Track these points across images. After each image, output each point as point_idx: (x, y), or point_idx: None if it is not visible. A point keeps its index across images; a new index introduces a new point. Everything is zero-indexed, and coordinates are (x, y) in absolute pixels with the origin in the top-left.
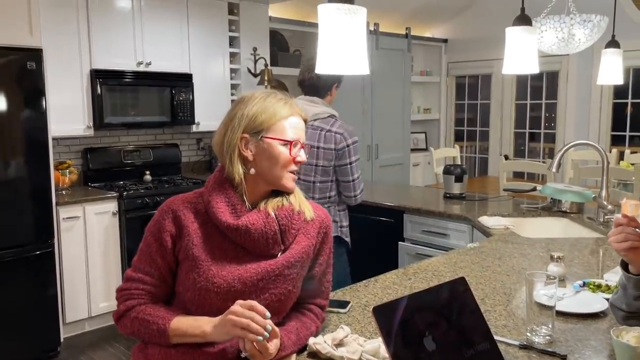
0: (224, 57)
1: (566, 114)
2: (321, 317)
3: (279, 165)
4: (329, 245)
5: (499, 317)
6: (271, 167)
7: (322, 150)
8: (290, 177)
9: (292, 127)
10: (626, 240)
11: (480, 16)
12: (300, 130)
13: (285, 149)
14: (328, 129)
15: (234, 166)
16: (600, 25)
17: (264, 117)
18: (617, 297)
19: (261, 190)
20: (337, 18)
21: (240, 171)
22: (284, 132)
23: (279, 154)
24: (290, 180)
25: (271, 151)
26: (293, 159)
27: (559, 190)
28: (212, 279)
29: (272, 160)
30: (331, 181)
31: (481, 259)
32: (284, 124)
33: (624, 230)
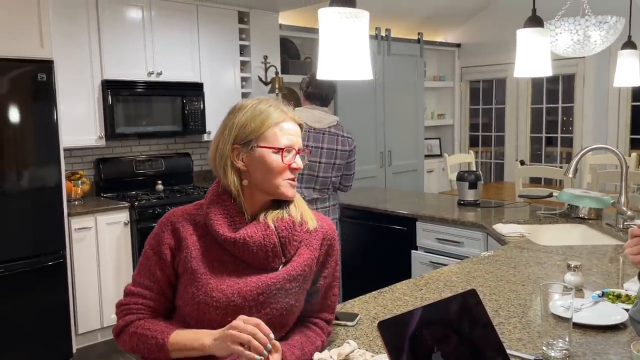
0: (234, 66)
1: (583, 117)
2: (327, 331)
3: (273, 174)
4: (334, 257)
5: (513, 329)
6: (265, 177)
7: (339, 152)
8: (288, 184)
9: (284, 134)
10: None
11: (493, 20)
12: (294, 135)
13: (278, 157)
14: (342, 135)
15: (228, 178)
16: (616, 26)
17: (253, 126)
18: (637, 310)
19: (260, 201)
20: (338, 22)
21: (236, 183)
22: (276, 140)
23: (271, 163)
24: (288, 188)
25: (264, 160)
26: (287, 166)
27: (577, 196)
28: (211, 293)
29: (266, 170)
30: (340, 176)
31: (495, 268)
32: (275, 130)
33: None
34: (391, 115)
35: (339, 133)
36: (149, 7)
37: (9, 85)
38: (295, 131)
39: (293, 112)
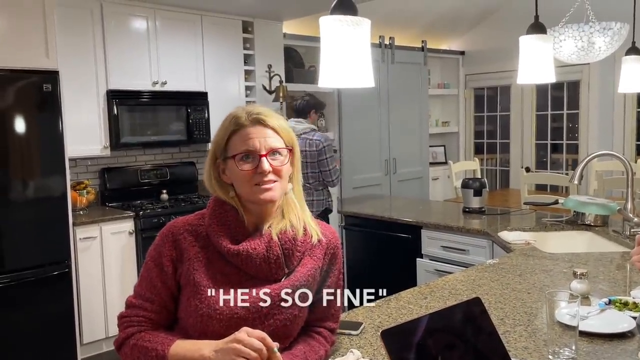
0: (238, 75)
1: (589, 124)
2: (331, 340)
3: (242, 182)
4: (338, 266)
5: (519, 338)
6: (240, 186)
7: (308, 152)
8: (259, 189)
9: (242, 139)
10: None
11: (497, 27)
12: (256, 139)
13: (243, 163)
14: (311, 138)
15: (217, 193)
16: (620, 32)
17: (219, 137)
18: None
19: (255, 210)
20: (339, 30)
21: (223, 196)
22: (236, 147)
23: (235, 171)
24: (261, 192)
25: (232, 170)
26: (248, 171)
27: (582, 203)
28: (214, 306)
29: (238, 179)
30: (317, 172)
31: (501, 276)
32: (234, 137)
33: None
34: (396, 123)
35: (308, 137)
36: (154, 18)
37: (15, 95)
38: (258, 133)
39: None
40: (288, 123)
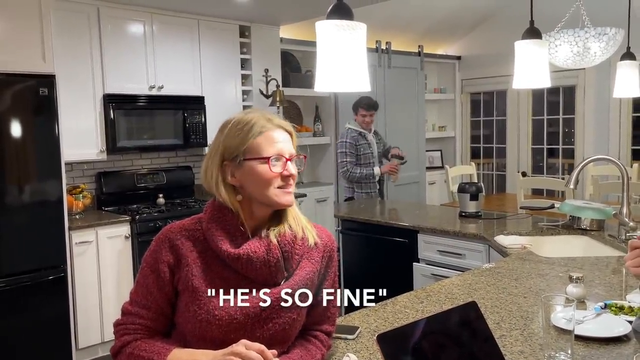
0: (235, 79)
1: (584, 128)
2: (327, 344)
3: (263, 184)
4: (333, 270)
5: (515, 342)
6: (257, 188)
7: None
8: (281, 192)
9: (270, 142)
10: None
11: (493, 32)
12: (281, 142)
13: (266, 167)
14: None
15: (222, 196)
16: (615, 37)
17: (238, 140)
18: None
19: (260, 214)
20: (335, 35)
21: (231, 200)
22: (261, 150)
23: (260, 173)
24: (283, 196)
25: (253, 172)
26: (279, 174)
27: (578, 207)
28: (213, 311)
29: (257, 181)
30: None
31: (497, 280)
32: (260, 141)
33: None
34: (392, 128)
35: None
36: (151, 22)
37: (11, 99)
38: (282, 138)
39: (279, 119)
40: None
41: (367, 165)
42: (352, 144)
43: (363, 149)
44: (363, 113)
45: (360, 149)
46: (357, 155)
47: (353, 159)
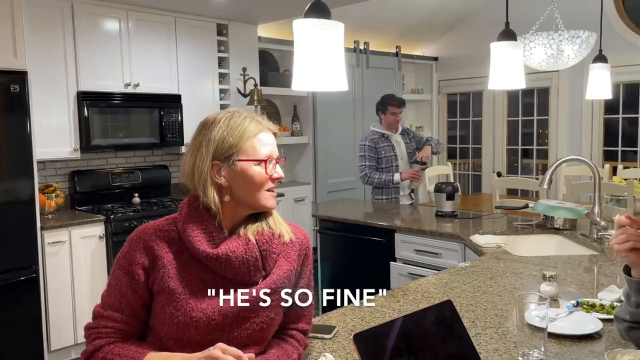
0: (213, 78)
1: (558, 130)
2: (303, 343)
3: (255, 186)
4: (309, 268)
5: (489, 340)
6: (248, 190)
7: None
8: (270, 195)
9: (263, 144)
10: (628, 240)
11: (470, 33)
12: (272, 145)
13: (260, 169)
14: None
15: (208, 195)
16: (588, 41)
17: (232, 140)
18: (621, 308)
19: (240, 215)
20: (313, 33)
21: (216, 199)
22: (256, 151)
23: (254, 175)
24: (270, 199)
25: (246, 174)
26: (270, 176)
27: (551, 207)
28: (191, 313)
29: (248, 183)
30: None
31: (472, 279)
32: (254, 142)
33: (626, 231)
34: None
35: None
36: (126, 18)
37: None
38: (272, 140)
39: (267, 121)
40: None
41: (389, 169)
42: (372, 147)
43: (384, 151)
44: (394, 111)
45: (381, 152)
46: (378, 158)
47: (373, 162)
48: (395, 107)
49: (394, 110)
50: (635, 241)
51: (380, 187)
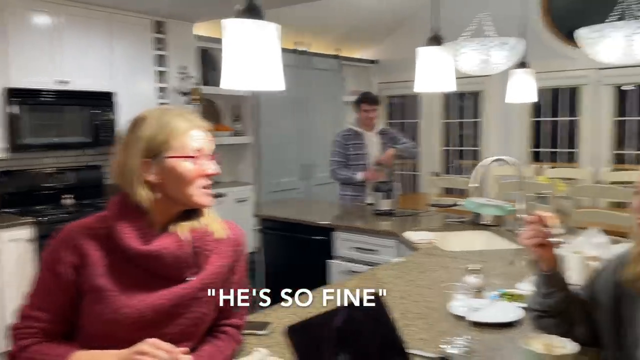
0: (150, 76)
1: (490, 132)
2: (237, 338)
3: (187, 182)
4: (243, 263)
5: (418, 330)
6: (180, 187)
7: None
8: (203, 192)
9: (193, 141)
10: (535, 236)
11: (408, 38)
12: (204, 142)
13: (191, 165)
14: None
15: (138, 193)
16: (516, 47)
17: (162, 137)
18: (531, 298)
19: (173, 212)
20: (245, 33)
21: (147, 197)
22: (186, 148)
23: (184, 171)
24: (204, 196)
25: (176, 170)
26: (202, 172)
27: (480, 205)
28: (121, 310)
29: (179, 180)
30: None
31: (404, 273)
32: (184, 139)
33: (534, 228)
34: (312, 129)
35: None
36: (58, 13)
37: None
38: (204, 137)
39: (199, 119)
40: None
41: (356, 166)
42: (342, 144)
43: (353, 149)
44: (366, 108)
45: (349, 149)
46: (347, 155)
47: (342, 158)
48: (367, 105)
49: (366, 108)
50: (541, 237)
51: (347, 183)
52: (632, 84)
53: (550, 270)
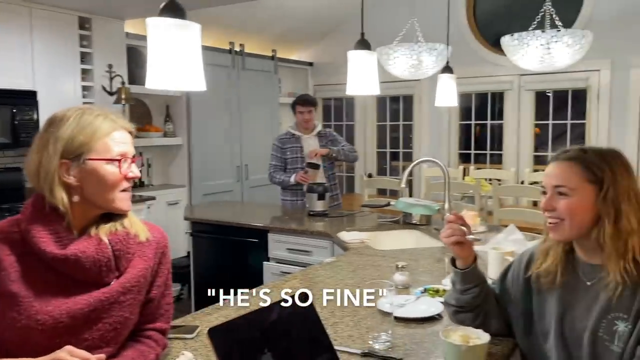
0: (74, 74)
1: (421, 134)
2: (162, 343)
3: (108, 186)
4: (167, 266)
5: (345, 327)
6: (100, 190)
7: None
8: (124, 196)
9: (116, 143)
10: (453, 235)
11: (342, 41)
12: (126, 144)
13: (114, 168)
14: None
15: (55, 196)
16: (444, 53)
17: (82, 138)
18: (448, 294)
19: (92, 215)
20: (168, 32)
21: (64, 200)
22: (109, 150)
23: (106, 175)
24: (124, 201)
25: (97, 173)
26: (124, 176)
27: (410, 205)
28: (35, 316)
29: (101, 183)
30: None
31: (336, 272)
32: (107, 141)
33: (452, 227)
34: (247, 130)
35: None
36: None
37: None
38: (127, 139)
39: (122, 119)
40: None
41: (294, 170)
42: (279, 147)
43: (290, 152)
44: (300, 109)
45: (286, 153)
46: (285, 159)
47: (278, 162)
48: (301, 106)
49: (301, 110)
50: (458, 236)
51: (285, 187)
52: (550, 90)
53: (467, 268)
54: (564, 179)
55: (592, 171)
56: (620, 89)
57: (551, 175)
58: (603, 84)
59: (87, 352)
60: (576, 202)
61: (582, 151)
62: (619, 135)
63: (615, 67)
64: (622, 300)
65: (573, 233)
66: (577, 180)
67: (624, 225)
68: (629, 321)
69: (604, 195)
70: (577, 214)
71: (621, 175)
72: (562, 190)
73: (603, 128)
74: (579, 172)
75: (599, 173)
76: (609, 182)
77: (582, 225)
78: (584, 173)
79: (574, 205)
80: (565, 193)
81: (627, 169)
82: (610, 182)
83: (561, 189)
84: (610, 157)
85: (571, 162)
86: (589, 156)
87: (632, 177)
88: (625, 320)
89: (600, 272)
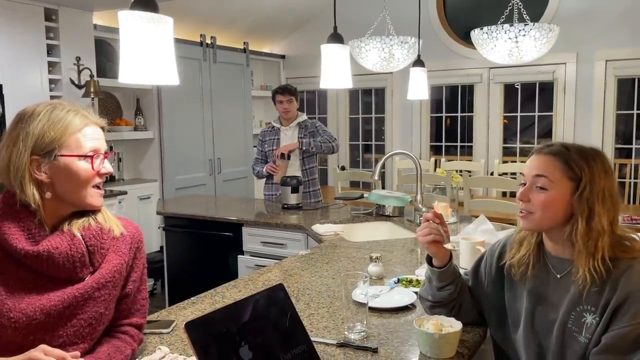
0: (41, 67)
1: (393, 127)
2: (138, 338)
3: (80, 182)
4: (142, 261)
5: (321, 319)
6: (72, 187)
7: None
8: (96, 192)
9: (88, 139)
10: (430, 233)
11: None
12: (98, 140)
13: (86, 164)
14: None
15: (26, 192)
16: (415, 46)
17: (53, 134)
18: (424, 289)
19: (63, 212)
20: (140, 26)
21: (36, 196)
22: (81, 146)
23: (79, 171)
24: (96, 197)
25: (69, 169)
26: (97, 172)
27: (382, 196)
28: (8, 314)
29: (73, 179)
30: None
31: (310, 265)
32: (79, 137)
33: (429, 226)
34: (219, 123)
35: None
36: None
37: None
38: (98, 135)
39: (94, 115)
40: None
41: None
42: (260, 141)
43: (267, 145)
44: (280, 98)
45: (264, 146)
46: (264, 152)
47: (259, 155)
48: (280, 95)
49: (280, 99)
50: (435, 234)
51: (261, 178)
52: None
53: (443, 266)
54: (546, 170)
55: (572, 168)
56: (585, 81)
57: (533, 167)
58: (569, 77)
59: (61, 351)
60: (552, 196)
61: (565, 148)
62: (585, 127)
63: (581, 60)
64: (590, 295)
65: (543, 225)
66: (557, 174)
67: (595, 225)
68: (596, 314)
69: (580, 193)
70: (550, 208)
71: (599, 176)
72: (542, 181)
73: (569, 119)
74: (559, 167)
75: (578, 171)
76: (586, 181)
77: (554, 219)
78: (564, 169)
79: (549, 199)
80: (544, 186)
81: (606, 170)
82: (588, 181)
83: (541, 179)
84: (591, 156)
85: (553, 157)
86: (571, 153)
87: (610, 178)
88: (593, 313)
89: (570, 266)
